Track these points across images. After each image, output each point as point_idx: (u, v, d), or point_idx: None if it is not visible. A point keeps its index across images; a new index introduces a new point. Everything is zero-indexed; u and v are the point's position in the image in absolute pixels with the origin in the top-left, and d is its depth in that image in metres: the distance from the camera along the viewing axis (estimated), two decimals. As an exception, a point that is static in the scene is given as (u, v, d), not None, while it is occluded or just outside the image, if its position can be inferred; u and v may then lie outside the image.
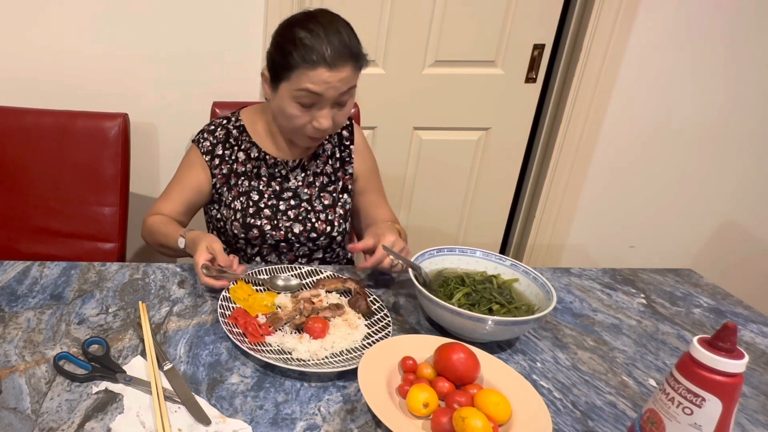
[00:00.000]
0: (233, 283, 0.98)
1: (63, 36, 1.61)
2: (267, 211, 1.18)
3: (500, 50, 1.80)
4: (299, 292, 0.98)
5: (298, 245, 1.20)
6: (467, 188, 2.01)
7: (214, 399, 0.75)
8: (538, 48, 1.81)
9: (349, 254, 1.31)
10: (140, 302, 0.94)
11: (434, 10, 1.73)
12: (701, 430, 0.59)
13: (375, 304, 0.96)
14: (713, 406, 0.59)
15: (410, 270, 0.94)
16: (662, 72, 1.81)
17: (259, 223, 1.17)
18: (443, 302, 0.85)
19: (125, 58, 1.65)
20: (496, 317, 0.82)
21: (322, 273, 1.05)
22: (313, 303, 0.93)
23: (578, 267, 1.19)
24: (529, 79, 1.85)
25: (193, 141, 1.22)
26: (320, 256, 1.24)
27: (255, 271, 1.03)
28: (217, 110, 1.51)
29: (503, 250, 2.19)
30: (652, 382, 0.84)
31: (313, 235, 1.19)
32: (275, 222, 1.17)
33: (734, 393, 0.59)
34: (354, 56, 1.01)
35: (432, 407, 0.71)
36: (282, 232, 1.17)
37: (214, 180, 1.19)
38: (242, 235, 1.17)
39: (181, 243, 1.07)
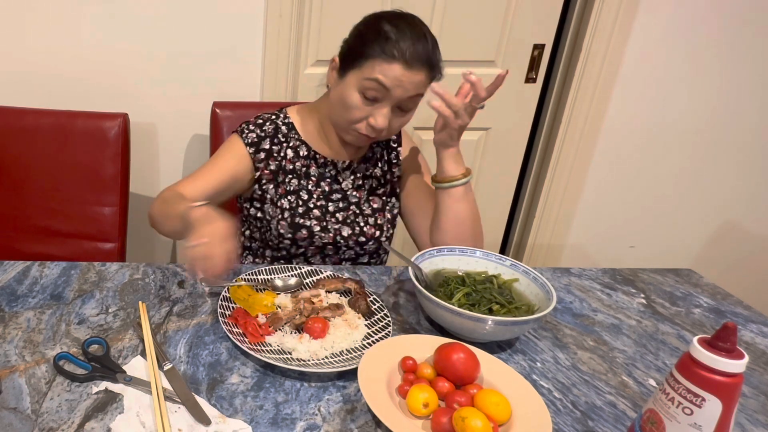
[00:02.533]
0: (234, 282, 0.98)
1: (63, 35, 1.61)
2: (316, 212, 1.15)
3: (500, 50, 1.80)
4: (299, 292, 0.98)
5: (345, 249, 1.17)
6: (467, 188, 2.01)
7: (214, 399, 0.75)
8: (538, 48, 1.81)
9: (384, 257, 1.26)
10: (140, 302, 0.94)
11: (434, 10, 1.73)
12: (701, 430, 0.59)
13: (375, 304, 0.96)
14: (713, 406, 0.59)
15: (410, 269, 0.94)
16: (662, 72, 1.80)
17: (308, 223, 1.14)
18: (443, 302, 0.85)
19: (126, 57, 1.65)
20: (496, 317, 0.82)
21: (322, 273, 1.05)
22: (313, 303, 0.93)
23: (578, 267, 1.19)
24: (529, 79, 1.85)
25: (234, 131, 1.17)
26: (365, 261, 1.22)
27: (255, 271, 1.03)
28: (217, 110, 1.51)
29: (503, 250, 2.19)
30: (652, 382, 0.84)
31: (362, 239, 1.16)
32: (324, 224, 1.15)
33: (734, 393, 0.59)
34: (431, 65, 1.01)
35: (432, 407, 0.71)
36: (331, 235, 1.14)
37: (258, 174, 1.14)
38: (289, 235, 1.14)
39: (195, 204, 0.91)
